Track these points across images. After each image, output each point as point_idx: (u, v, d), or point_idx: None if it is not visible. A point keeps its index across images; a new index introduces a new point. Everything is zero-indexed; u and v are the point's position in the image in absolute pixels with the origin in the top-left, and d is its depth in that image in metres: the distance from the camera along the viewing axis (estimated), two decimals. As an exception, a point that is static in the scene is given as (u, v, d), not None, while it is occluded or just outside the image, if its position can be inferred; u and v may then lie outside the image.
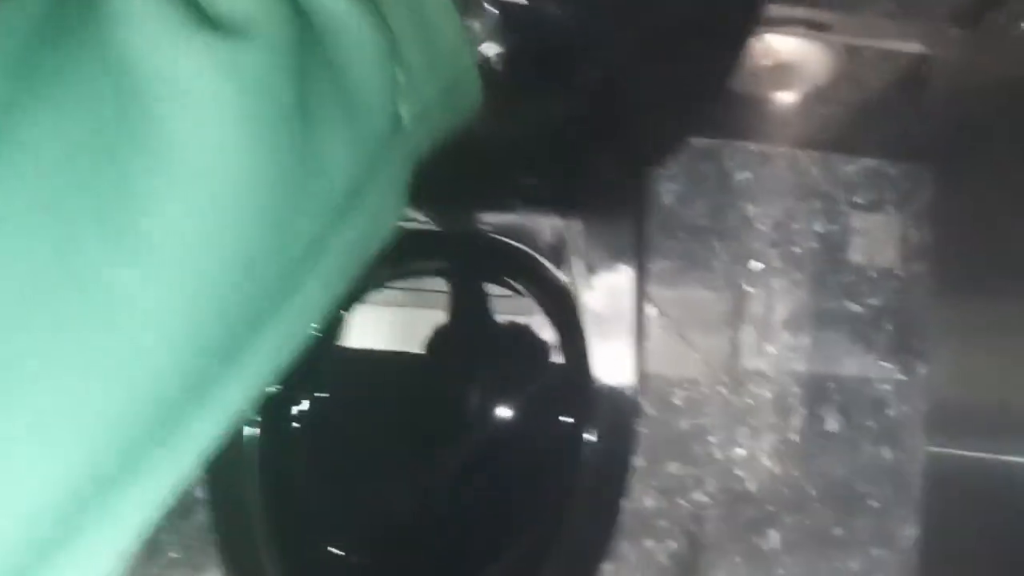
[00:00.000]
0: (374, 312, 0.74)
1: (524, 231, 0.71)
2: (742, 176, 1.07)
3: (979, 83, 0.94)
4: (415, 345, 0.74)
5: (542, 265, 0.72)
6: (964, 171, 1.03)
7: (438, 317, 0.76)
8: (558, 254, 0.72)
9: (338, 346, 0.71)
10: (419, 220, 0.71)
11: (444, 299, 0.76)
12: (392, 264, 0.73)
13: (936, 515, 1.02)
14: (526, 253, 0.72)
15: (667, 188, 1.06)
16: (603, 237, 0.72)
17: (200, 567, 0.98)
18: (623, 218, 0.73)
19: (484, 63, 0.43)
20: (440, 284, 0.76)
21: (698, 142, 1.06)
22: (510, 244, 0.72)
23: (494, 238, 0.72)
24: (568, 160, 0.70)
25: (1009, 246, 0.95)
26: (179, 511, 0.98)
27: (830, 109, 0.99)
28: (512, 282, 0.75)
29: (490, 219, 0.71)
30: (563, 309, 0.69)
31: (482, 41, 0.36)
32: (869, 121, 1.02)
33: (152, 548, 0.97)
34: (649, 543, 1.01)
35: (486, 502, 0.74)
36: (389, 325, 0.76)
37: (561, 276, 0.70)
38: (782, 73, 0.95)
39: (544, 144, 0.68)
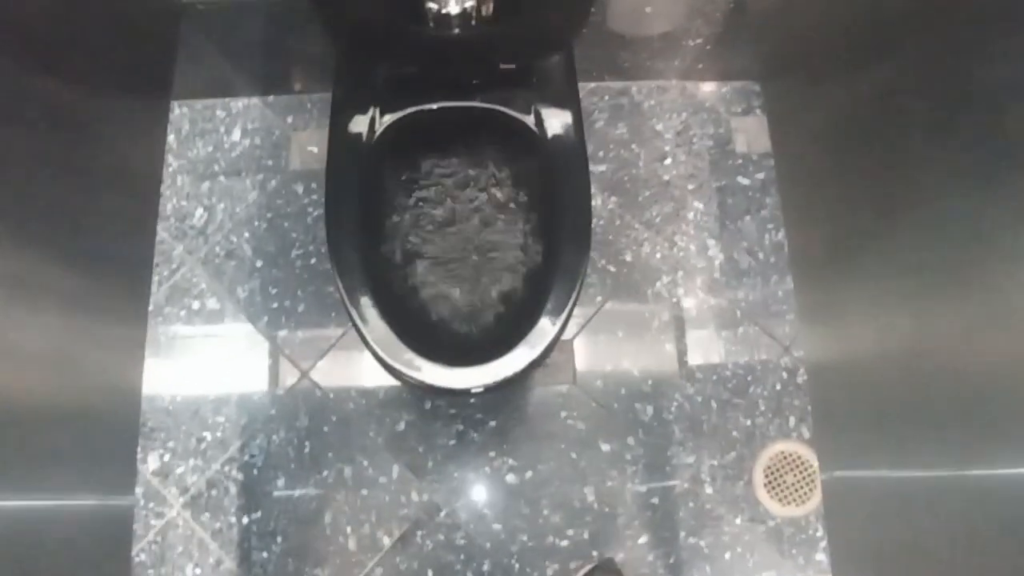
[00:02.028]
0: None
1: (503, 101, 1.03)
2: (648, 104, 1.50)
3: (794, 9, 1.37)
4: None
5: (513, 116, 1.02)
6: (789, 82, 1.45)
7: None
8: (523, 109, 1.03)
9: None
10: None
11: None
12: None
13: (838, 529, 1.24)
14: (502, 111, 1.04)
15: (598, 117, 1.48)
16: (553, 95, 1.04)
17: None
18: (566, 81, 1.06)
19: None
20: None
21: (615, 84, 1.50)
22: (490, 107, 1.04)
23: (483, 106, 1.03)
24: (527, 52, 1.05)
25: (824, 127, 1.32)
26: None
27: (696, 44, 1.42)
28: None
29: (483, 95, 1.03)
30: (529, 138, 1.04)
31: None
32: (726, 53, 1.46)
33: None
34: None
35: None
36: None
37: (527, 122, 1.04)
38: (656, 16, 1.37)
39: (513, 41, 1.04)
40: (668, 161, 1.47)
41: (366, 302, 0.95)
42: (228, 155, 1.45)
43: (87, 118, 0.95)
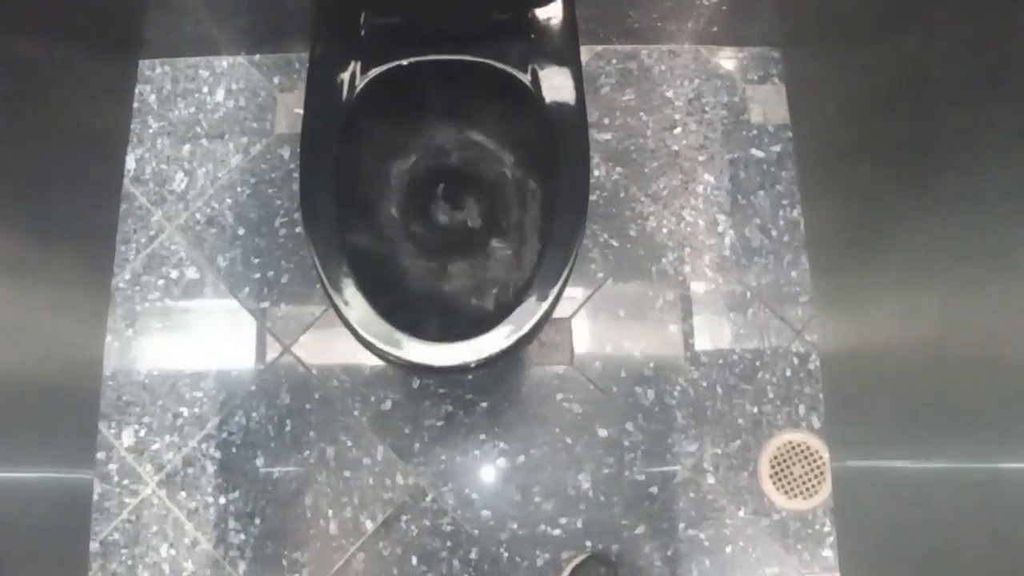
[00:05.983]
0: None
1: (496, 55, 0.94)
2: (658, 69, 1.40)
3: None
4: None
5: (507, 72, 0.93)
6: (811, 49, 1.35)
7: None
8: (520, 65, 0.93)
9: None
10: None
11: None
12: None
13: (848, 519, 1.18)
14: (495, 66, 0.93)
15: (604, 82, 1.39)
16: (551, 51, 0.94)
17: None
18: (565, 35, 0.95)
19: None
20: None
21: (623, 48, 1.41)
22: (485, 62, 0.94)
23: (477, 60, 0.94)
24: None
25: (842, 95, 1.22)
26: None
27: (711, 4, 1.32)
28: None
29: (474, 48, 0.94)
30: (524, 97, 0.95)
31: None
32: (743, 15, 1.36)
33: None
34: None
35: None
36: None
37: (522, 77, 0.94)
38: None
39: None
40: (678, 131, 1.37)
41: (342, 274, 0.88)
42: (211, 117, 1.37)
43: (40, 72, 0.87)
